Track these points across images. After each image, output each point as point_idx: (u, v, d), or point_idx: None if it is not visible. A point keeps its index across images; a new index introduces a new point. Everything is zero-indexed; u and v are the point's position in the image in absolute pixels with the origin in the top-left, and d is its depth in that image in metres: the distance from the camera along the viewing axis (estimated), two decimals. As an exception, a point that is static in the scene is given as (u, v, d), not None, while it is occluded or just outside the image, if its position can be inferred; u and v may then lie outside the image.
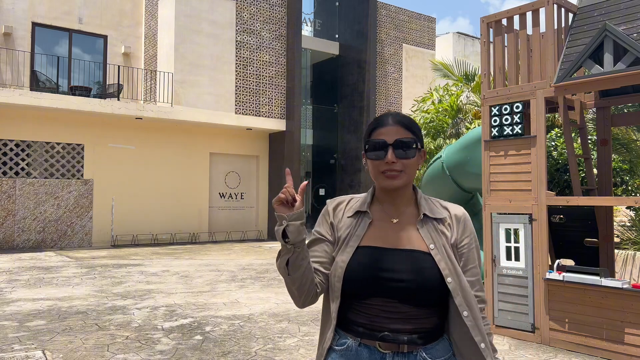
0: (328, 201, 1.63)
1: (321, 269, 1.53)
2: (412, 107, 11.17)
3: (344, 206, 1.60)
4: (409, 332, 1.44)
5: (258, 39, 15.90)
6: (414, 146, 1.49)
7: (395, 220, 1.52)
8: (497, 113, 5.29)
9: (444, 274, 1.44)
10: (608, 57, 4.50)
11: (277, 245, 13.39)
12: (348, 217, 1.56)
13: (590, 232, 5.56)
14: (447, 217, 1.55)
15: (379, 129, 1.51)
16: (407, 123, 1.52)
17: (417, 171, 1.56)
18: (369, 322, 1.45)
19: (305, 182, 1.44)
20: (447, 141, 9.41)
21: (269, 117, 15.97)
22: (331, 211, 1.60)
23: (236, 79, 15.46)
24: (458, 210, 1.58)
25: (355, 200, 1.61)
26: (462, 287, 1.46)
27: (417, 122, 9.99)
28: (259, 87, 15.88)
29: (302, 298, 1.50)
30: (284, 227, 1.39)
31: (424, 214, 1.52)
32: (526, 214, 5.06)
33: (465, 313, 1.45)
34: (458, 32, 23.08)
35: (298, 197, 1.42)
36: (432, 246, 1.47)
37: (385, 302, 1.44)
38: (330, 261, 1.54)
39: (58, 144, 13.51)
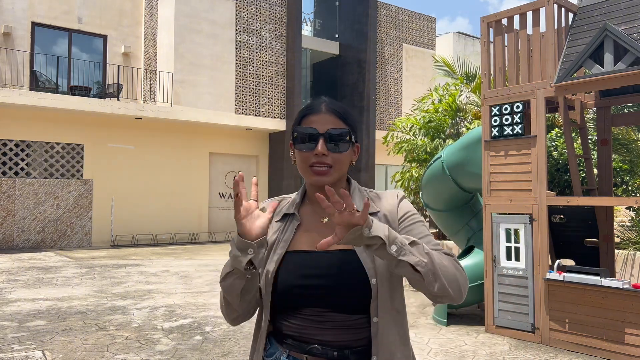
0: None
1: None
2: (412, 107, 11.14)
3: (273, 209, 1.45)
4: (341, 345, 1.30)
5: (258, 39, 15.90)
6: (348, 139, 1.34)
7: (325, 220, 1.37)
8: (497, 113, 5.29)
9: (368, 273, 1.29)
10: (608, 57, 4.49)
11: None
12: (276, 221, 1.42)
13: (590, 232, 5.55)
14: (382, 208, 1.39)
15: (310, 116, 1.35)
16: (342, 112, 1.36)
17: (350, 165, 1.40)
18: (298, 334, 1.32)
19: (255, 178, 1.26)
20: (447, 141, 9.40)
21: (268, 117, 15.96)
22: None
23: (236, 78, 15.45)
24: (391, 197, 1.43)
25: (285, 201, 1.47)
26: (386, 292, 1.31)
27: (417, 122, 9.98)
28: (259, 87, 15.88)
29: (241, 317, 1.39)
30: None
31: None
32: (526, 214, 5.05)
33: (375, 319, 1.29)
34: (458, 32, 23.09)
35: (267, 216, 1.29)
36: None
37: (317, 311, 1.31)
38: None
39: (58, 144, 13.51)
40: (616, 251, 5.98)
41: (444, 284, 1.22)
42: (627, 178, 8.15)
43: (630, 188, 8.26)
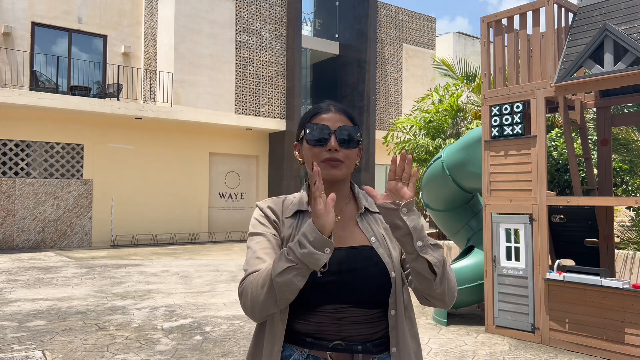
0: (258, 203, 1.47)
1: None
2: (412, 107, 11.15)
3: (280, 206, 1.46)
4: (362, 339, 1.33)
5: (258, 39, 15.90)
6: (357, 136, 1.41)
7: (337, 218, 1.40)
8: (497, 113, 5.29)
9: (388, 267, 1.35)
10: (608, 57, 4.49)
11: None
12: (287, 217, 1.43)
13: (590, 232, 5.56)
14: None
15: (321, 114, 1.41)
16: (350, 114, 1.44)
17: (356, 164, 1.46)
18: (318, 331, 1.32)
19: (332, 195, 1.22)
20: (447, 141, 9.40)
21: (268, 117, 15.96)
22: (268, 211, 1.44)
23: (236, 78, 15.45)
24: None
25: (290, 200, 1.48)
26: (400, 286, 1.37)
27: (417, 122, 10.00)
28: (259, 87, 15.88)
29: (270, 313, 1.33)
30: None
31: (365, 208, 1.45)
32: (526, 214, 5.05)
33: (392, 312, 1.35)
34: (458, 32, 23.07)
35: (330, 207, 1.21)
36: (373, 239, 1.39)
37: (337, 307, 1.32)
38: None
39: (58, 144, 13.51)
40: (616, 251, 5.99)
41: (446, 289, 1.30)
42: (627, 178, 8.16)
43: (630, 188, 8.27)
